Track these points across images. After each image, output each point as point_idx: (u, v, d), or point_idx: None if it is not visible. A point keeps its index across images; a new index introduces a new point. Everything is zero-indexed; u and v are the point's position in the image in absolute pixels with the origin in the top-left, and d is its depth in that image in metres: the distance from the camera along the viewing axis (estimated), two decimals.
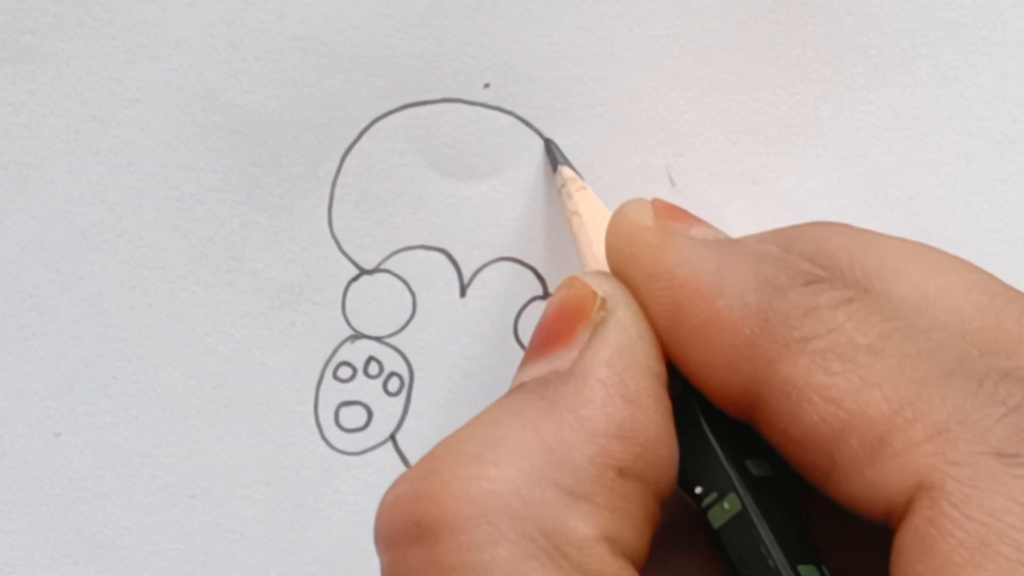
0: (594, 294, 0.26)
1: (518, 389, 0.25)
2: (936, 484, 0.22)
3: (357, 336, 0.36)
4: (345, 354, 0.36)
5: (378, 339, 0.36)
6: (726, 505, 0.25)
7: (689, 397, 0.26)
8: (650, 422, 0.24)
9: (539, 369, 0.25)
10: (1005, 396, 0.22)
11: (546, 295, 0.36)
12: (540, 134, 0.36)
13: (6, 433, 0.36)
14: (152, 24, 0.35)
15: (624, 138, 0.36)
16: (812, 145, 0.37)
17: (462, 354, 0.36)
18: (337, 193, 0.36)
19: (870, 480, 0.23)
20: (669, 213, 0.27)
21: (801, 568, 0.25)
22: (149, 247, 0.36)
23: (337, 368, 0.36)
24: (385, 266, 0.36)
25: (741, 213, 0.37)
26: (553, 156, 0.33)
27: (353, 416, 0.36)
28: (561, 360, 0.25)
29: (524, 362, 0.26)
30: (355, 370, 0.36)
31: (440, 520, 0.23)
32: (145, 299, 0.36)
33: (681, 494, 0.26)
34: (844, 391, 0.23)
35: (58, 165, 0.36)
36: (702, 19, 0.36)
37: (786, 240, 0.28)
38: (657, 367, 0.25)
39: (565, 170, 0.32)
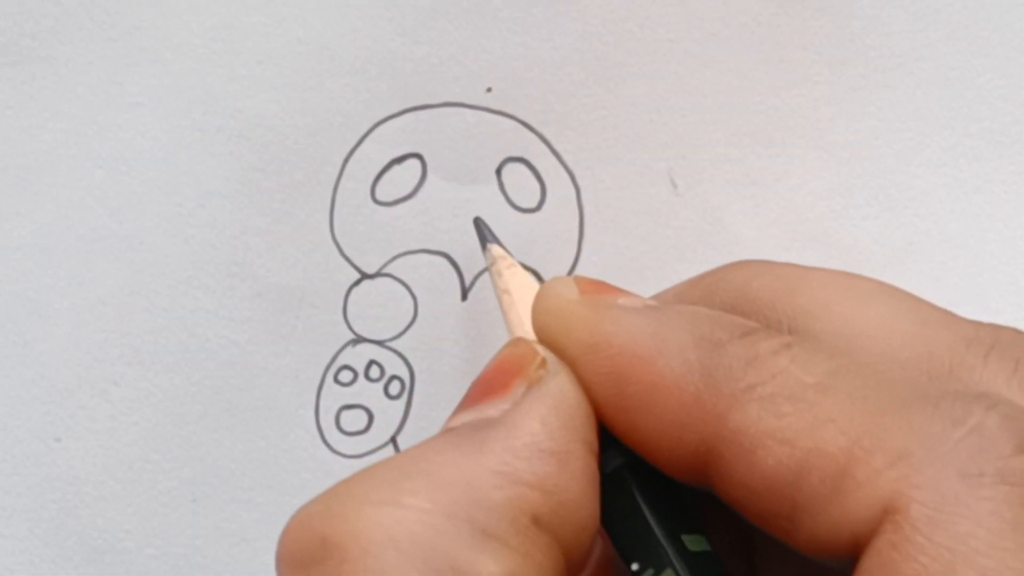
0: (535, 352, 0.26)
1: (446, 431, 0.25)
2: (900, 508, 0.21)
3: (358, 340, 0.36)
4: (346, 358, 0.36)
5: (379, 343, 0.36)
6: None
7: (624, 472, 0.26)
8: (573, 483, 0.24)
9: (470, 416, 0.25)
10: (964, 415, 0.22)
11: None
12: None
13: (7, 438, 0.36)
14: (153, 28, 0.35)
15: (626, 141, 0.36)
16: (813, 147, 0.37)
17: (463, 358, 0.36)
18: (338, 197, 0.36)
19: (835, 516, 0.22)
20: (594, 287, 0.27)
21: None
22: (150, 252, 0.36)
23: (338, 372, 0.36)
24: (387, 270, 0.36)
25: (742, 215, 0.37)
26: (482, 233, 0.33)
27: (354, 419, 0.36)
28: (493, 409, 0.25)
29: (456, 411, 0.26)
30: (356, 374, 0.36)
31: (348, 541, 0.22)
32: (146, 304, 0.36)
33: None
34: (797, 431, 0.23)
35: (58, 169, 0.36)
36: (704, 22, 0.36)
37: (707, 288, 0.28)
38: (589, 436, 0.25)
39: (494, 248, 0.32)
